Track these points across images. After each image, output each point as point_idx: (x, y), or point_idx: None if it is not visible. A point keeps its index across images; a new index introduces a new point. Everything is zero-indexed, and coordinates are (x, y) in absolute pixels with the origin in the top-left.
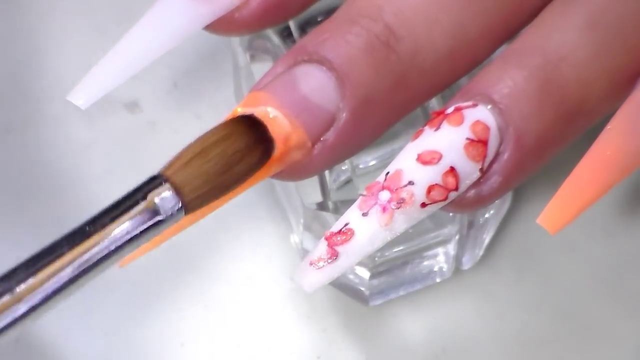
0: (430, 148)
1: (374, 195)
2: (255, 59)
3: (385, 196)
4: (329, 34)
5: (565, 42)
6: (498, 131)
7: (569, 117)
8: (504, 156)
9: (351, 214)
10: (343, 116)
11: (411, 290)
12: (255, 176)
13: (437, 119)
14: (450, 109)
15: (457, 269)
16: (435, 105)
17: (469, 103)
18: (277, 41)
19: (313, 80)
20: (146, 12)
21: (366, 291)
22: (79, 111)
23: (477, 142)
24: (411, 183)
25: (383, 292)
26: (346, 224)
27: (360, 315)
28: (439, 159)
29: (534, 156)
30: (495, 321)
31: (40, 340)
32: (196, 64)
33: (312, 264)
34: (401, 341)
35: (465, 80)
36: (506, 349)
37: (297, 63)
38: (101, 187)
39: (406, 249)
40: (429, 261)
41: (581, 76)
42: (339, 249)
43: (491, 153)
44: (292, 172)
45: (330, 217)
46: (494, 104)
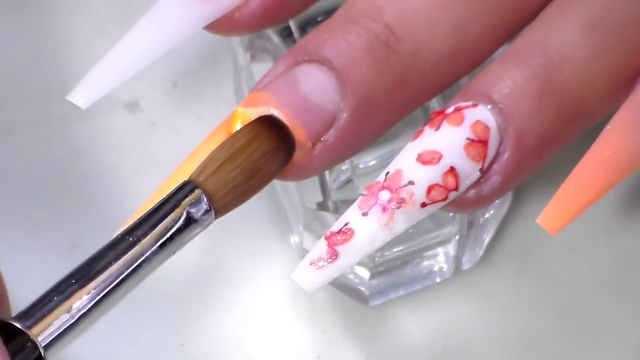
0: (430, 148)
1: (374, 195)
2: (255, 58)
3: (385, 196)
4: (329, 34)
5: (565, 42)
6: (498, 131)
7: (569, 117)
8: (504, 156)
9: (351, 213)
10: (343, 116)
11: (411, 290)
12: None
13: (437, 119)
14: (450, 109)
15: (457, 269)
16: (436, 105)
17: (469, 103)
18: (277, 41)
19: (313, 80)
20: (146, 12)
21: (366, 291)
22: (79, 111)
23: (477, 142)
24: (411, 183)
25: (383, 292)
26: (346, 224)
27: (360, 315)
28: (439, 159)
29: (534, 156)
30: (496, 321)
31: None
32: (196, 63)
33: (312, 263)
34: (401, 341)
35: (465, 79)
36: (506, 348)
37: (297, 63)
38: (101, 187)
39: (406, 249)
40: (429, 261)
41: (581, 76)
42: (339, 248)
43: (491, 153)
44: (293, 172)
45: (330, 217)
46: (494, 103)
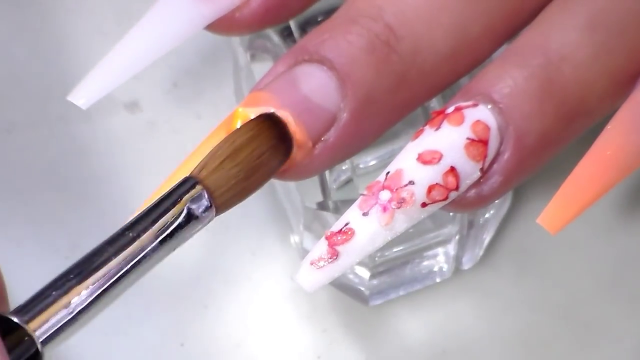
0: (430, 148)
1: (374, 194)
2: (255, 58)
3: (386, 196)
4: (329, 34)
5: (566, 42)
6: (498, 131)
7: (570, 117)
8: (504, 156)
9: (351, 213)
10: (344, 116)
11: (411, 290)
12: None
13: (438, 119)
14: (450, 109)
15: (457, 269)
16: (436, 104)
17: (469, 103)
18: (277, 41)
19: (314, 80)
20: (147, 12)
21: (366, 291)
22: (79, 111)
23: (478, 142)
24: (412, 183)
25: (383, 292)
26: (346, 224)
27: (360, 315)
28: (439, 159)
29: (534, 156)
30: (496, 321)
31: None
32: (196, 63)
33: (312, 263)
34: (401, 341)
35: (466, 79)
36: (506, 348)
37: (297, 63)
38: (101, 187)
39: (406, 248)
40: (429, 261)
41: (582, 76)
42: (339, 248)
43: (491, 153)
44: (293, 172)
45: (330, 217)
46: (494, 103)
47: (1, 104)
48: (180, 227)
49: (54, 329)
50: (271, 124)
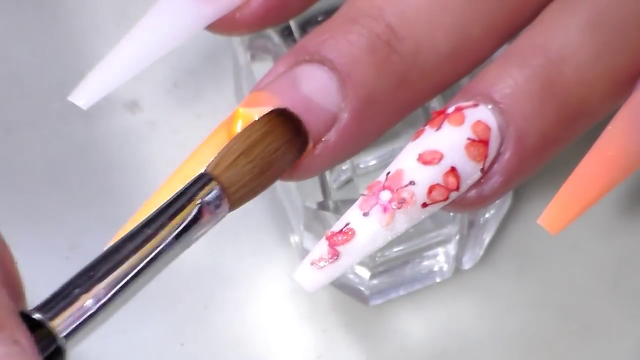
0: (431, 148)
1: (374, 195)
2: (255, 58)
3: (386, 196)
4: (330, 34)
5: (566, 42)
6: (499, 131)
7: (570, 117)
8: (504, 156)
9: (352, 213)
10: (345, 116)
11: (411, 290)
12: None
13: (438, 119)
14: (451, 109)
15: (458, 268)
16: (436, 104)
17: (470, 103)
18: (277, 40)
19: (314, 80)
20: (147, 12)
21: (366, 291)
22: (79, 111)
23: (478, 142)
24: (412, 183)
25: (383, 292)
26: (347, 224)
27: (360, 315)
28: (440, 159)
29: (535, 156)
30: (496, 321)
31: None
32: (196, 63)
33: (313, 263)
34: (401, 341)
35: (466, 79)
36: (506, 348)
37: (298, 63)
38: (101, 187)
39: (406, 248)
40: (429, 261)
41: (583, 76)
42: (339, 248)
43: (492, 153)
44: (294, 172)
45: (330, 217)
46: (494, 103)
47: (1, 104)
48: (195, 222)
49: (75, 326)
50: (285, 119)
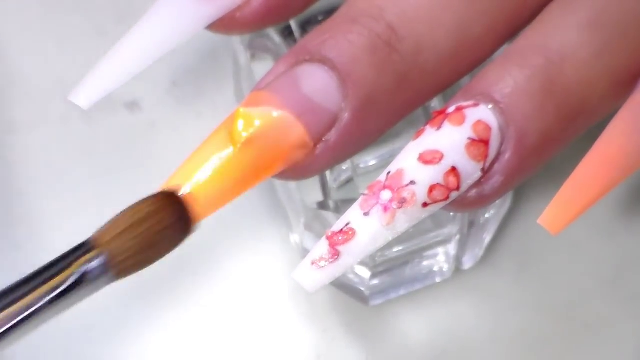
0: (431, 148)
1: (375, 194)
2: (256, 57)
3: (387, 196)
4: (330, 34)
5: (567, 42)
6: (499, 131)
7: (571, 116)
8: (505, 156)
9: (352, 213)
10: (345, 116)
11: (411, 290)
12: (258, 176)
13: (439, 119)
14: (451, 109)
15: (458, 268)
16: (436, 104)
17: (470, 102)
18: (278, 40)
19: (315, 80)
20: (147, 12)
21: (366, 291)
22: (79, 111)
23: (479, 142)
24: (413, 183)
25: (383, 292)
26: (347, 224)
27: (360, 315)
28: (440, 159)
29: (535, 156)
30: (496, 321)
31: (41, 341)
32: (196, 62)
33: (313, 263)
34: (401, 341)
35: (466, 79)
36: (506, 349)
37: (299, 63)
38: (101, 187)
39: (406, 248)
40: (429, 261)
41: (583, 76)
42: (340, 248)
43: (493, 153)
44: (294, 172)
45: (331, 217)
46: (495, 103)
47: (1, 104)
48: (71, 289)
49: None
50: (172, 201)
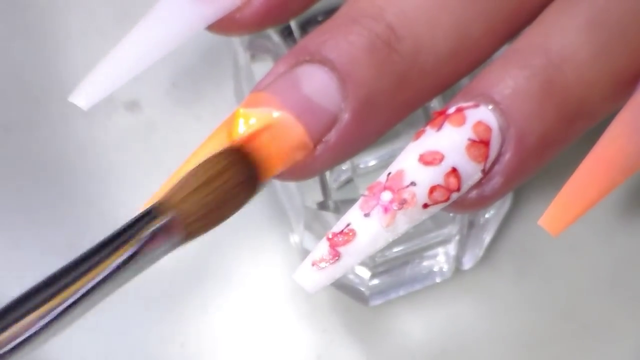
0: (432, 149)
1: (375, 195)
2: (255, 58)
3: (387, 197)
4: (330, 34)
5: (567, 43)
6: (500, 132)
7: (571, 117)
8: (505, 157)
9: (353, 214)
10: (345, 117)
11: (411, 290)
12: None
13: (439, 119)
14: (451, 109)
15: (458, 269)
16: (436, 104)
17: (471, 103)
18: (277, 40)
19: (315, 81)
20: (147, 13)
21: (366, 291)
22: (79, 111)
23: (479, 143)
24: (413, 184)
25: (383, 292)
26: (348, 225)
27: (360, 315)
28: (440, 160)
29: (535, 157)
30: (496, 321)
31: None
32: (196, 63)
33: (314, 264)
34: (401, 341)
35: (466, 79)
36: (506, 349)
37: (298, 63)
38: (101, 187)
39: (406, 249)
40: (429, 261)
41: (583, 77)
42: (340, 249)
43: (493, 154)
44: (294, 172)
45: (330, 217)
46: (495, 104)
47: (1, 104)
48: (141, 252)
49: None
50: (242, 156)
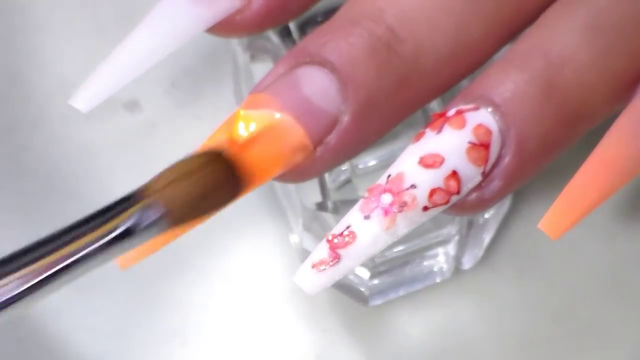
0: (432, 151)
1: (375, 197)
2: (254, 58)
3: (387, 199)
4: (330, 36)
5: (566, 45)
6: (500, 134)
7: (571, 120)
8: (505, 160)
9: (353, 216)
10: (345, 118)
11: (411, 290)
12: (257, 179)
13: (439, 122)
14: (451, 112)
15: (457, 269)
16: (435, 106)
17: (471, 106)
18: (276, 41)
19: (315, 82)
20: (147, 15)
21: (366, 291)
22: (78, 111)
23: (479, 146)
24: (413, 186)
25: (383, 292)
26: (348, 227)
27: (360, 315)
28: (441, 163)
29: (535, 159)
30: (496, 321)
31: (41, 340)
32: (195, 63)
33: (314, 266)
34: (401, 341)
35: (466, 81)
36: (506, 349)
37: (298, 64)
38: (101, 187)
39: (406, 249)
40: (429, 261)
41: (583, 79)
42: (340, 251)
43: (493, 156)
44: (294, 174)
45: (329, 218)
46: (495, 107)
47: (1, 104)
48: (122, 237)
49: None
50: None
